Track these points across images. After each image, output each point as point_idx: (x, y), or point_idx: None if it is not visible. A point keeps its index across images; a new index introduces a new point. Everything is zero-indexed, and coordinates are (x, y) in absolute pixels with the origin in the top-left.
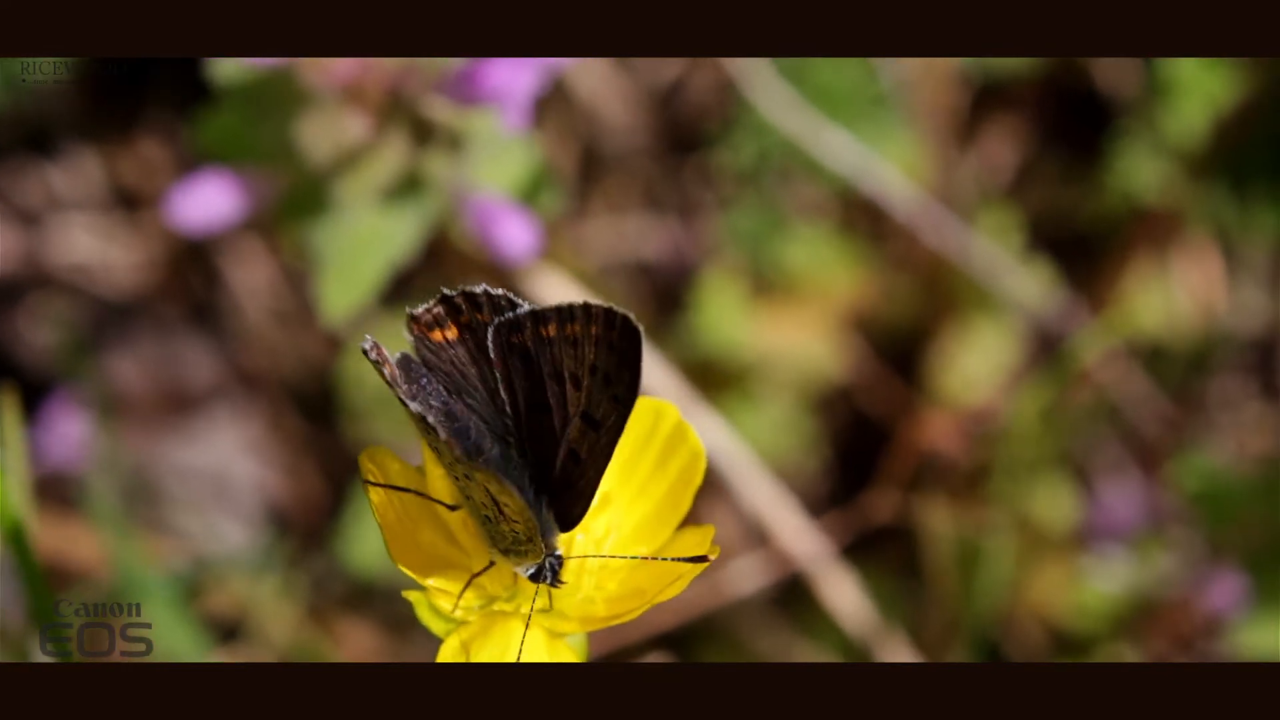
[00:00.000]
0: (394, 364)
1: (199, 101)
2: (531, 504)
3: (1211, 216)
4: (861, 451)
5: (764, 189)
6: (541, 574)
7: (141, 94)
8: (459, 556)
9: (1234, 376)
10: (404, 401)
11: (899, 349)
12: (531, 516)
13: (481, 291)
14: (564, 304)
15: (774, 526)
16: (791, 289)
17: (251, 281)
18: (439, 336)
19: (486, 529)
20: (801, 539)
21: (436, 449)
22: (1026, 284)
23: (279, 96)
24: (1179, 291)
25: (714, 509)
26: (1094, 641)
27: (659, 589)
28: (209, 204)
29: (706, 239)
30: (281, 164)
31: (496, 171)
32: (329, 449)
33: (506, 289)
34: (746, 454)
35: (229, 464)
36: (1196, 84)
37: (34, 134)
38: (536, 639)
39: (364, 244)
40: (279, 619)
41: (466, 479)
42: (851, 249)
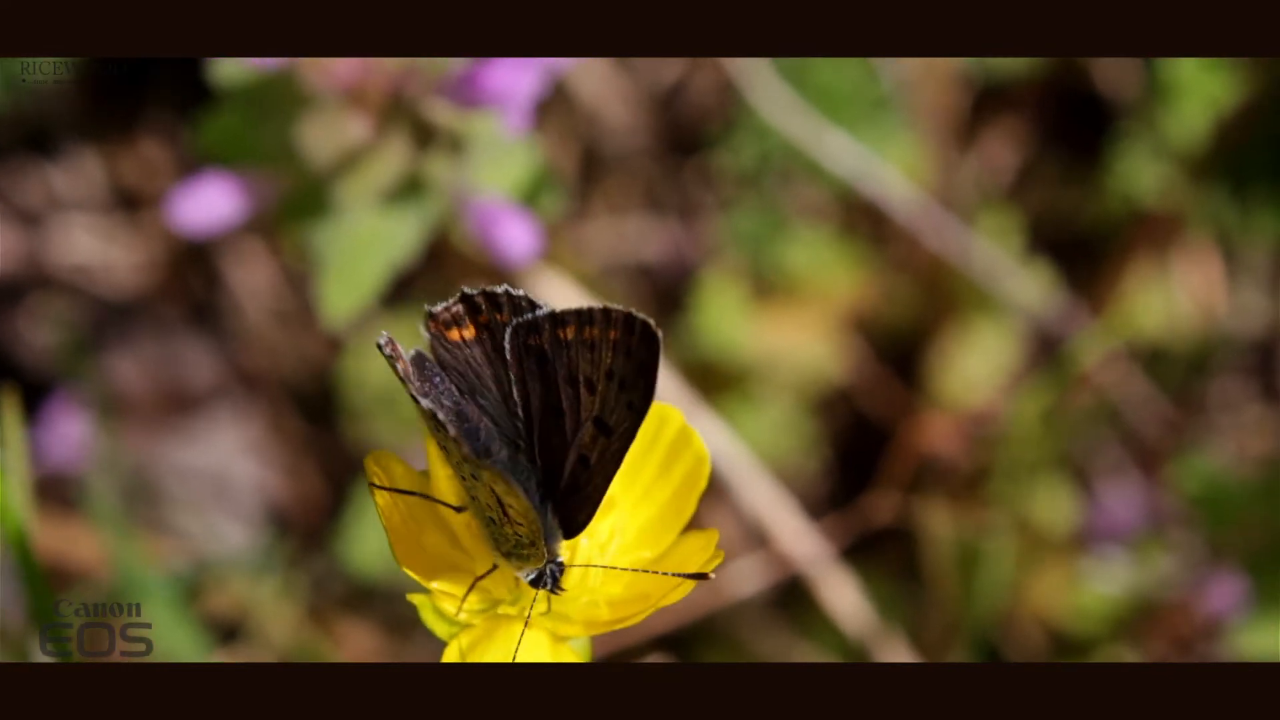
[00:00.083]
0: (408, 361)
1: (200, 102)
2: (537, 507)
3: (1212, 218)
4: (861, 453)
5: (764, 190)
6: (542, 579)
7: (142, 94)
8: (463, 560)
9: (1234, 378)
10: (415, 398)
11: (899, 351)
12: (536, 519)
13: (502, 292)
14: (583, 307)
15: (774, 528)
16: (792, 290)
17: (252, 282)
18: (456, 335)
19: (490, 531)
20: (801, 540)
21: (445, 447)
22: (1027, 286)
23: (280, 98)
24: (1179, 293)
25: (714, 510)
26: (1094, 643)
27: (663, 593)
28: (210, 205)
29: (707, 240)
30: (282, 165)
31: (497, 173)
32: (329, 449)
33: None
34: (746, 455)
35: (229, 464)
36: (1197, 85)
37: (34, 134)
38: (540, 642)
39: (365, 245)
40: (279, 619)
41: (473, 479)
42: (852, 250)
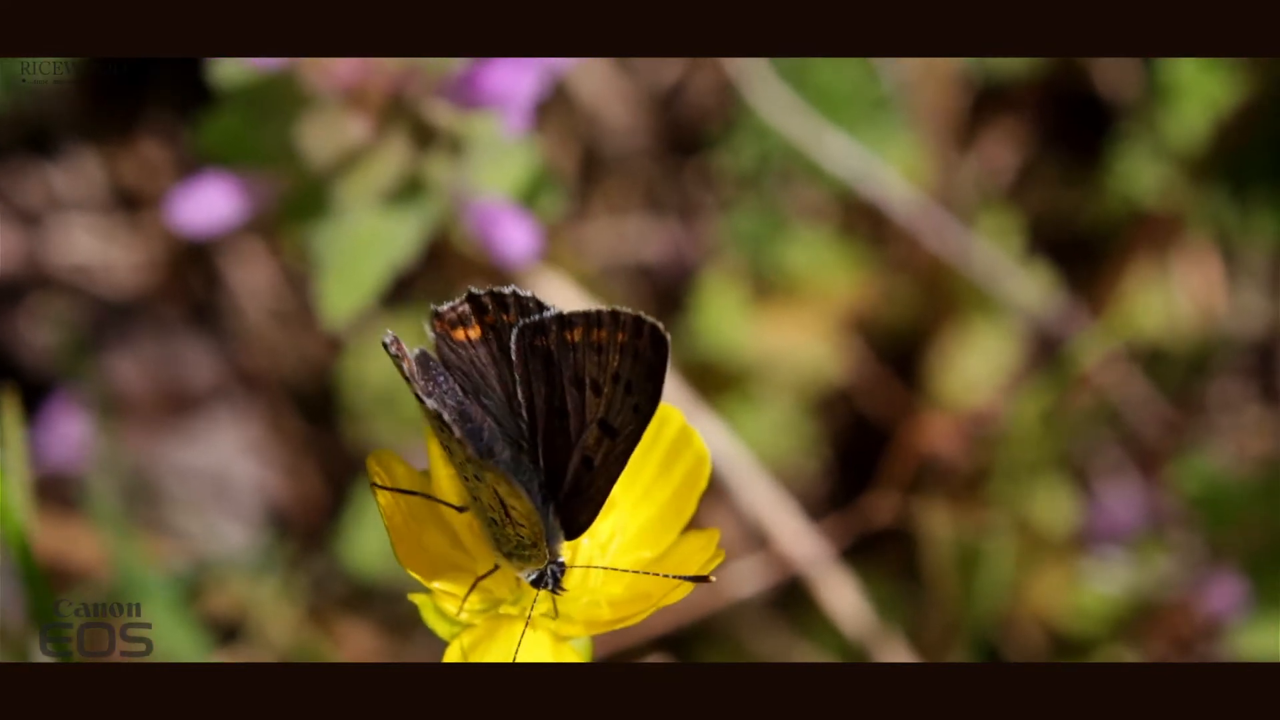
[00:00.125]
0: (412, 360)
1: (200, 102)
2: (539, 508)
3: (1212, 219)
4: (861, 453)
5: (764, 191)
6: (543, 580)
7: (142, 94)
8: (464, 560)
9: (1234, 379)
10: (420, 398)
11: (899, 351)
12: (538, 521)
13: (510, 292)
14: (592, 309)
15: (773, 528)
16: (792, 291)
17: (252, 282)
18: (462, 335)
19: (491, 531)
20: (801, 541)
21: (448, 448)
22: (1027, 286)
23: (280, 98)
24: (1179, 294)
25: (714, 510)
26: (1093, 644)
27: (664, 593)
28: (210, 205)
29: (707, 241)
30: (282, 166)
31: (497, 174)
32: (329, 449)
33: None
34: (746, 456)
35: (229, 464)
36: (1197, 86)
37: (34, 134)
38: (541, 642)
39: (365, 246)
40: (279, 619)
41: (476, 479)
42: (852, 251)
